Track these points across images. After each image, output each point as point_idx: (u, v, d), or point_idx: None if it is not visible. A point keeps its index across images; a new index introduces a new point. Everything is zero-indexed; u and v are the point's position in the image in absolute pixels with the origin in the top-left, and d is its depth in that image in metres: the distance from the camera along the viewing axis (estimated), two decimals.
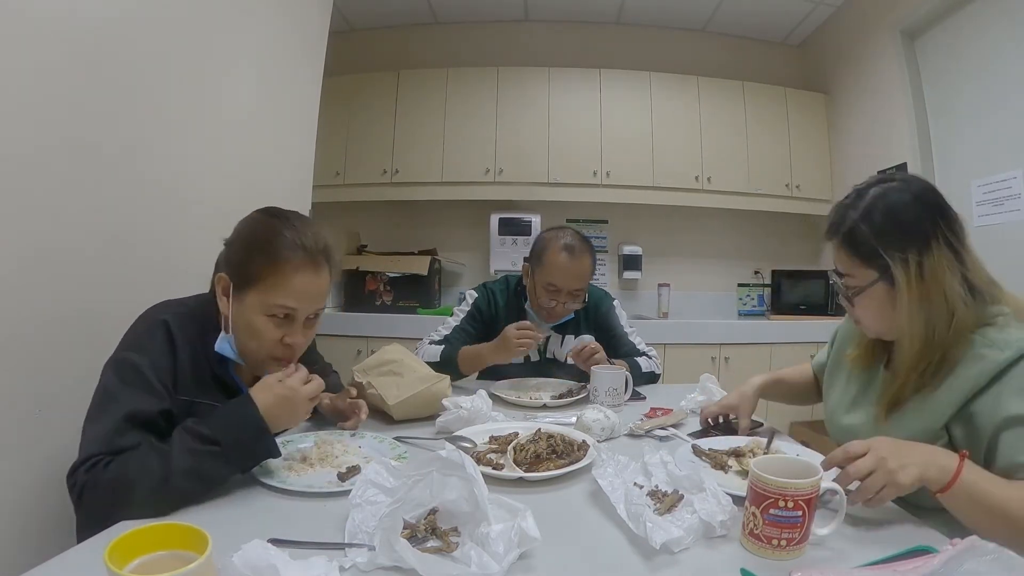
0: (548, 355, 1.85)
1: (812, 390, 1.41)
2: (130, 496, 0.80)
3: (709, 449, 1.09)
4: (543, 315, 1.77)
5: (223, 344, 1.02)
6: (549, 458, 1.02)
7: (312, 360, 1.32)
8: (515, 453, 1.03)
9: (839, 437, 1.14)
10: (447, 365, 1.68)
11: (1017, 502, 0.78)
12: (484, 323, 1.84)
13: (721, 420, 1.33)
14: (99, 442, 0.86)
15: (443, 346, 1.75)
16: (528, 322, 1.63)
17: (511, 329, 1.61)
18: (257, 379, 1.13)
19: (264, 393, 0.94)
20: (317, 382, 1.00)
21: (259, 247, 0.99)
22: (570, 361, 1.70)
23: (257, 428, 0.91)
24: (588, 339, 1.67)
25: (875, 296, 0.98)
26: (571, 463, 1.01)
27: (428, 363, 1.66)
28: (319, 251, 1.02)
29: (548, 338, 1.84)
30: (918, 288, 0.93)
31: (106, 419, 0.88)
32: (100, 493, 0.82)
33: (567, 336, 1.84)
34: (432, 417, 1.32)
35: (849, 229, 0.98)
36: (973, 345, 0.91)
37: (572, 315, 1.80)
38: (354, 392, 1.26)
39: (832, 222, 1.03)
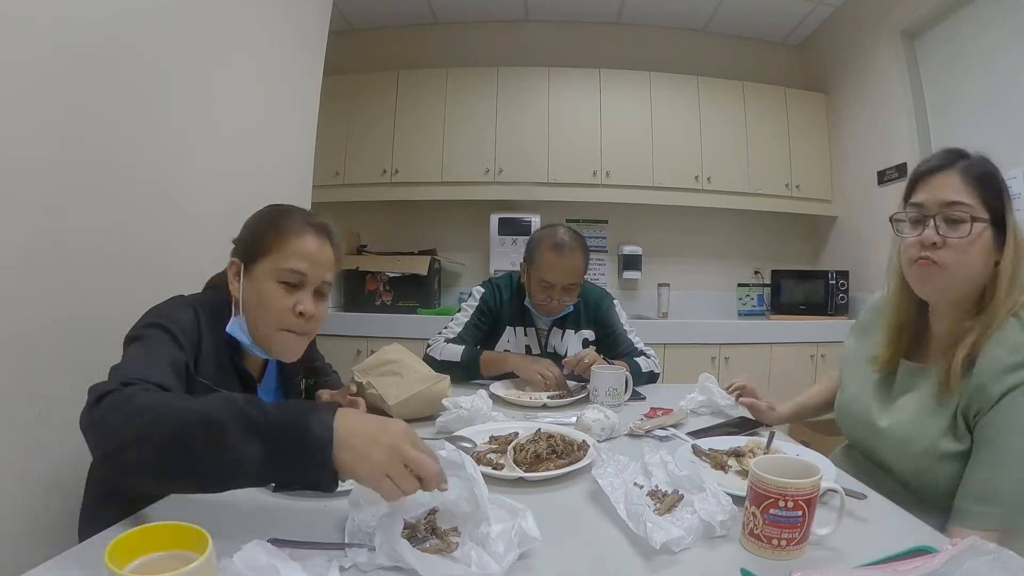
0: (549, 349, 1.86)
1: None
2: (137, 417, 0.69)
3: (709, 449, 1.09)
4: (541, 311, 1.79)
5: (234, 326, 1.03)
6: (549, 458, 1.02)
7: (312, 358, 1.32)
8: (515, 453, 1.03)
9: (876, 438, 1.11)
10: (467, 367, 1.70)
11: None
12: (491, 318, 1.85)
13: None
14: (142, 369, 0.81)
15: (463, 346, 1.75)
16: (557, 374, 1.63)
17: (552, 368, 1.63)
18: (263, 364, 1.15)
19: (358, 420, 0.72)
20: (432, 467, 0.70)
21: (266, 223, 1.06)
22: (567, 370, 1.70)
23: (317, 441, 0.67)
24: (582, 353, 1.67)
25: (981, 237, 0.96)
26: (571, 463, 1.01)
27: (447, 361, 1.69)
28: (322, 225, 1.08)
29: (549, 332, 1.85)
30: (1015, 244, 0.95)
31: (143, 361, 0.86)
32: (111, 406, 0.71)
33: (567, 331, 1.85)
34: (432, 417, 1.32)
35: (976, 163, 0.99)
36: (994, 342, 0.92)
37: (571, 308, 1.80)
38: (353, 389, 1.27)
39: (944, 158, 1.01)
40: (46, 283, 1.10)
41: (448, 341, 1.78)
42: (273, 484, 0.80)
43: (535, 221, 3.44)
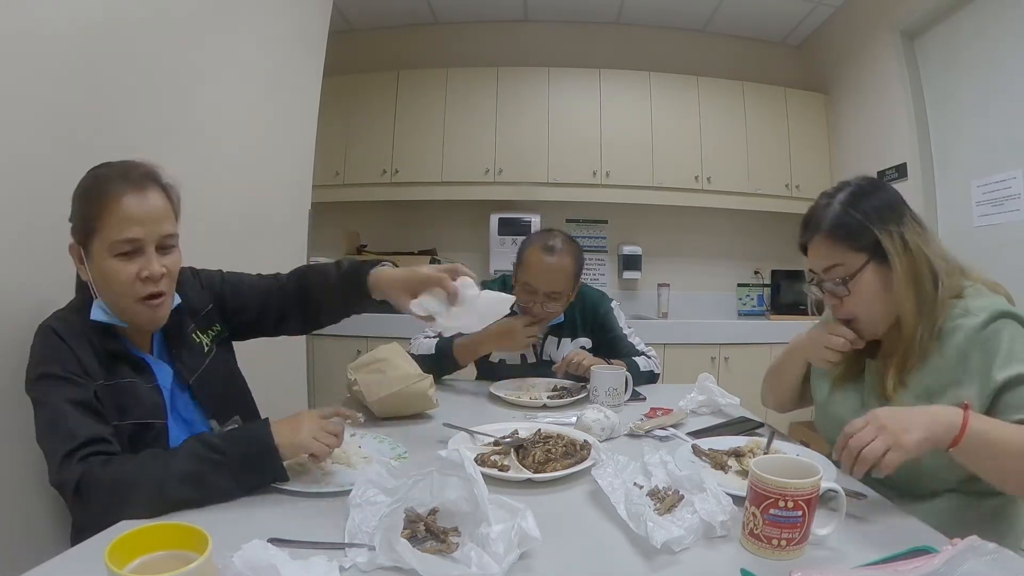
0: (544, 357, 1.83)
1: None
2: (129, 496, 0.80)
3: (709, 449, 1.09)
4: (525, 314, 1.72)
5: (96, 311, 0.99)
6: (554, 458, 1.02)
7: (200, 302, 1.18)
8: (519, 456, 1.03)
9: (830, 431, 1.15)
10: (442, 357, 1.66)
11: None
12: None
13: None
14: (68, 439, 0.85)
15: (436, 339, 1.71)
16: (533, 321, 1.62)
17: (519, 323, 1.60)
18: (149, 336, 1.08)
19: (281, 422, 0.94)
20: (333, 440, 0.96)
21: (86, 198, 0.98)
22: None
23: (265, 445, 0.89)
24: (571, 354, 1.65)
25: (868, 279, 1.01)
26: (577, 462, 1.01)
27: (423, 355, 1.65)
28: (140, 175, 0.99)
29: (544, 340, 1.83)
30: (906, 260, 0.99)
31: (59, 424, 0.87)
32: (100, 490, 0.82)
33: (563, 339, 1.82)
34: (417, 416, 1.34)
35: (834, 218, 1.04)
36: (951, 317, 0.96)
37: (561, 318, 1.77)
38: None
39: (810, 222, 1.08)
40: (47, 283, 1.10)
41: (427, 337, 1.74)
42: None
43: (535, 221, 3.44)
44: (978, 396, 0.91)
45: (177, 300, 1.08)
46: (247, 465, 0.87)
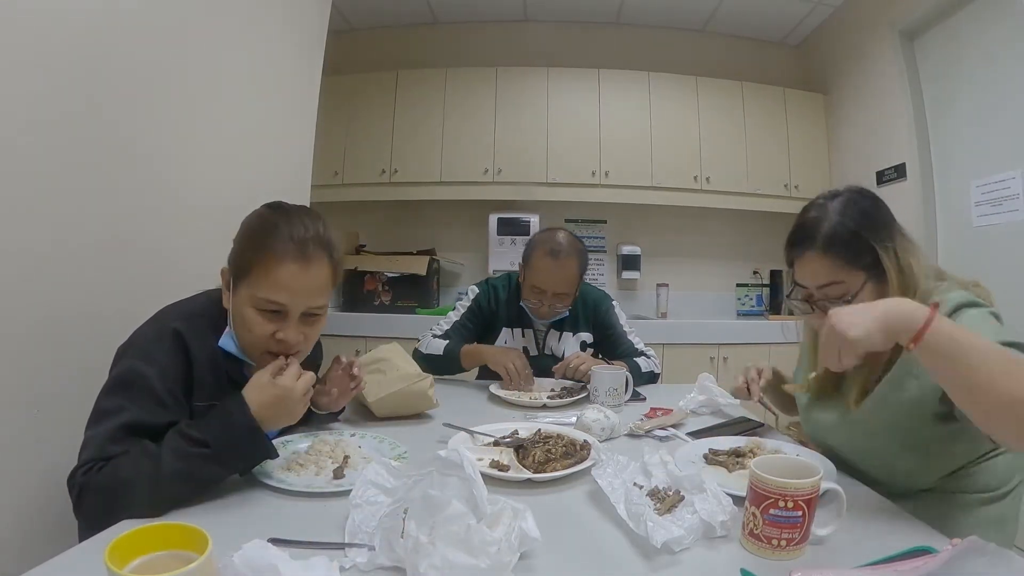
0: (546, 351, 1.86)
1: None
2: (122, 499, 0.79)
3: (709, 450, 1.10)
4: (533, 313, 1.79)
5: (226, 340, 1.00)
6: (554, 458, 1.02)
7: (315, 357, 1.29)
8: (519, 456, 1.03)
9: (813, 432, 1.17)
10: (449, 359, 1.74)
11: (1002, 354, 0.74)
12: (483, 319, 1.86)
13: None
14: (95, 447, 0.85)
15: (446, 341, 1.78)
16: (528, 370, 1.64)
17: (517, 360, 1.63)
18: None
19: (257, 393, 0.90)
20: (308, 376, 0.95)
21: (252, 238, 0.99)
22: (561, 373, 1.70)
23: (248, 429, 0.87)
24: (571, 356, 1.68)
25: (866, 298, 0.96)
26: (577, 462, 1.01)
27: (431, 355, 1.72)
28: (311, 242, 0.97)
29: (547, 333, 1.85)
30: (900, 277, 0.96)
31: (105, 425, 0.87)
32: (94, 497, 0.82)
33: (565, 333, 1.85)
34: (417, 416, 1.35)
35: (830, 233, 0.98)
36: None
37: (566, 313, 1.80)
38: (343, 360, 1.23)
39: (804, 236, 1.02)
40: (46, 282, 1.10)
41: (436, 337, 1.81)
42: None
43: (534, 221, 3.44)
44: (933, 386, 0.87)
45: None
46: (234, 451, 0.86)
